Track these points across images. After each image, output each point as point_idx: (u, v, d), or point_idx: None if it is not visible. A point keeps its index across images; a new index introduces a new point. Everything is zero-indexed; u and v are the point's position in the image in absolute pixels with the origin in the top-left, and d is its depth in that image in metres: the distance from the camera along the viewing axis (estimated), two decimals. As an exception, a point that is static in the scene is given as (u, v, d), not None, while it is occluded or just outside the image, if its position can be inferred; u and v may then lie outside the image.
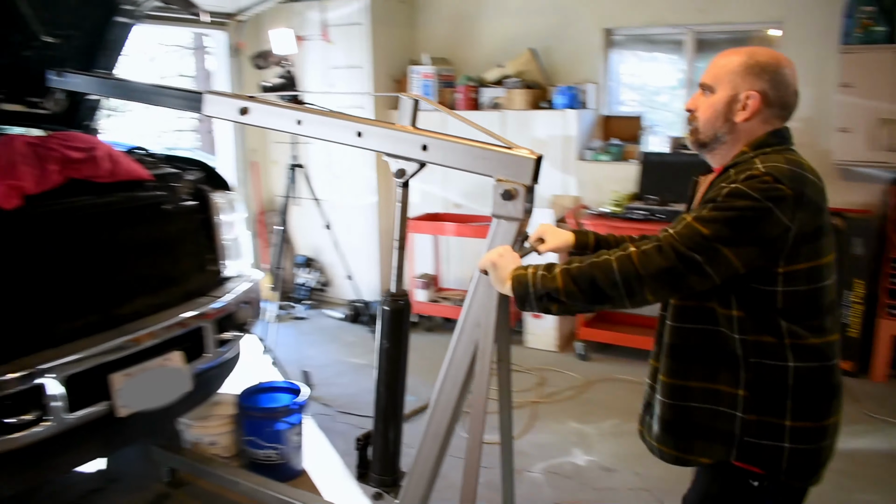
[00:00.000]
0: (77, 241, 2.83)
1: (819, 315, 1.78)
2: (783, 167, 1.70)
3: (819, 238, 1.74)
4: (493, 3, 6.20)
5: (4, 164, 2.68)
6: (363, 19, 6.10)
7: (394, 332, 2.36)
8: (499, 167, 2.03)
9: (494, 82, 6.05)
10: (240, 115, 2.50)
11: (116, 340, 2.79)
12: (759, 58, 1.81)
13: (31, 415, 2.54)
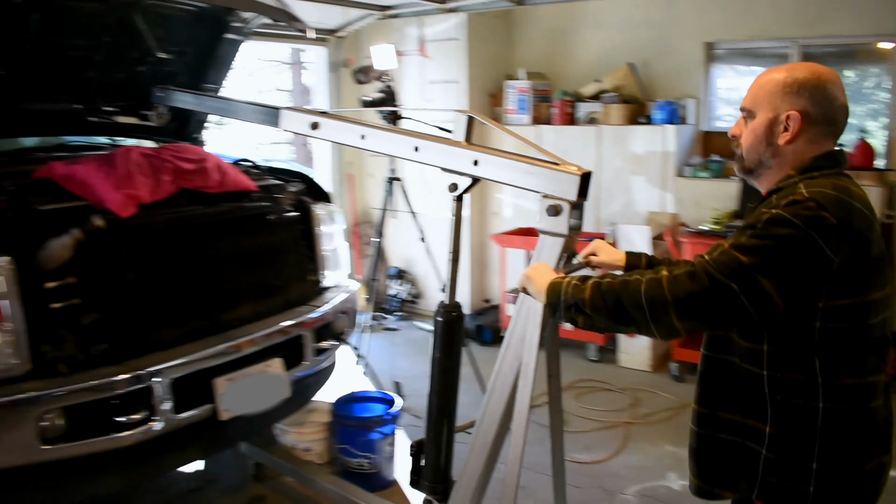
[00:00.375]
0: (186, 250, 2.94)
1: (860, 355, 1.65)
2: (829, 193, 1.58)
3: (866, 272, 1.61)
4: (592, 17, 6.15)
5: (122, 174, 2.81)
6: (460, 35, 6.15)
7: (446, 344, 2.39)
8: (545, 183, 2.05)
9: (591, 97, 6.00)
10: (311, 129, 2.62)
11: (221, 346, 2.89)
12: (798, 75, 1.69)
13: (140, 415, 2.64)
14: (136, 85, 3.69)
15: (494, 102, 6.41)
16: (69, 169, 2.84)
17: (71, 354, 2.59)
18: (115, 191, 2.72)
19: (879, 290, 1.65)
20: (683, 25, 5.77)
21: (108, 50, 3.49)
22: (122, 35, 3.48)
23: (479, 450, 2.26)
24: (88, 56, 3.48)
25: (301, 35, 3.67)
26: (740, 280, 1.55)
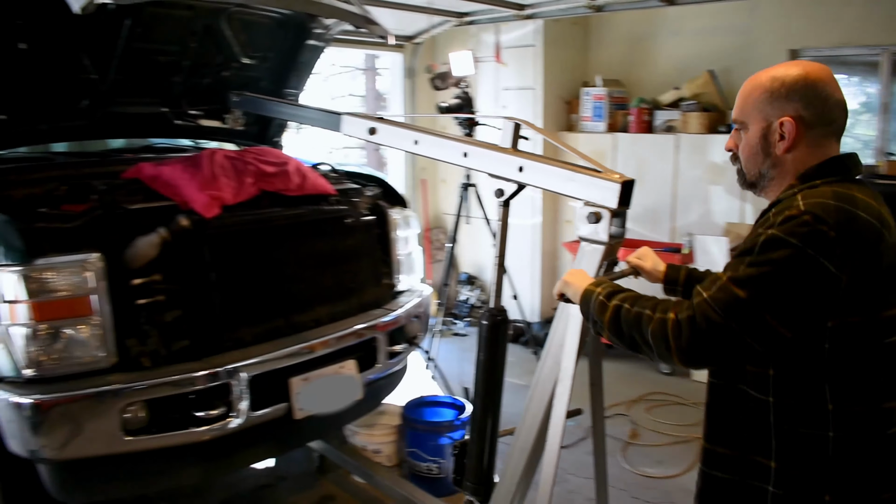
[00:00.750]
0: (266, 250, 3.00)
1: (874, 378, 1.51)
2: (828, 203, 1.45)
3: (878, 287, 1.47)
4: (671, 24, 6.04)
5: (207, 175, 2.89)
6: (536, 41, 6.13)
7: (491, 346, 2.43)
8: (586, 190, 2.05)
9: (669, 105, 5.89)
10: (369, 134, 2.71)
11: (297, 346, 2.94)
12: (784, 78, 1.58)
13: (218, 411, 2.71)
14: (220, 89, 3.79)
15: (570, 109, 6.36)
16: (156, 170, 2.94)
17: (154, 349, 2.68)
18: (199, 192, 2.80)
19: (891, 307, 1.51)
20: (767, 32, 5.61)
21: (194, 55, 3.61)
22: (208, 41, 3.59)
23: (519, 453, 2.27)
24: (175, 61, 3.59)
25: (380, 42, 3.71)
26: (740, 318, 1.44)
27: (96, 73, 3.36)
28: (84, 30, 3.13)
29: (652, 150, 5.82)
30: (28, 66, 3.10)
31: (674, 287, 2.10)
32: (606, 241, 2.01)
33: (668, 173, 5.71)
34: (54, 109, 3.36)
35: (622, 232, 2.04)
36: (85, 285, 2.51)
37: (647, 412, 4.80)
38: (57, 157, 3.70)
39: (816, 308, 1.45)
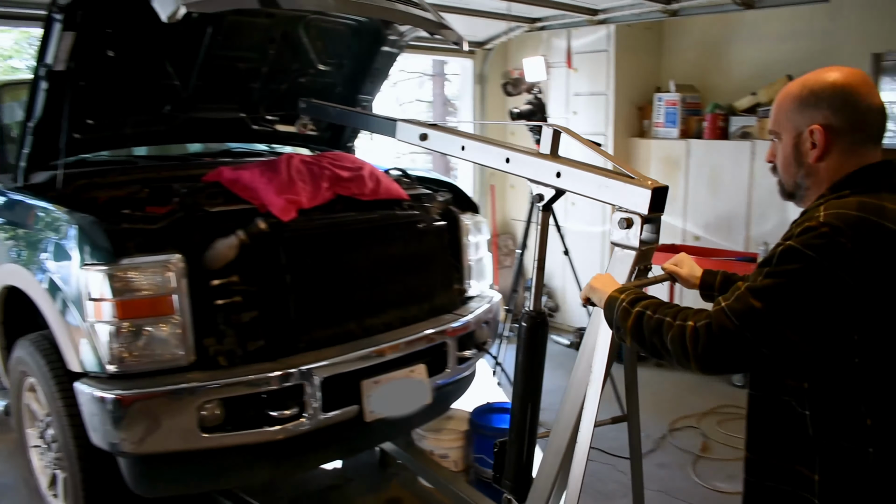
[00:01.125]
0: (340, 254, 3.04)
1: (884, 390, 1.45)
2: (849, 214, 1.42)
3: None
4: (749, 28, 5.90)
5: (284, 180, 2.95)
6: (608, 46, 6.07)
7: (530, 347, 2.45)
8: (618, 196, 2.05)
9: (745, 110, 5.75)
10: (420, 140, 2.79)
11: (369, 349, 2.97)
12: (812, 85, 1.56)
13: (291, 411, 2.76)
14: (296, 95, 3.87)
15: (643, 115, 6.27)
16: (236, 174, 3.01)
17: (230, 349, 2.75)
18: (277, 196, 2.86)
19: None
20: (849, 35, 5.42)
21: (272, 62, 3.69)
22: (285, 48, 3.67)
23: (553, 455, 2.29)
24: (254, 68, 3.68)
25: (454, 48, 3.73)
26: (755, 328, 1.43)
27: (178, 80, 3.46)
28: (168, 37, 3.24)
29: (726, 157, 5.69)
30: (114, 72, 3.21)
31: (710, 293, 2.06)
32: (637, 246, 2.00)
33: (744, 180, 5.57)
34: (138, 114, 3.48)
35: (655, 238, 2.02)
36: (167, 285, 2.59)
37: (719, 425, 4.68)
38: (139, 160, 3.83)
39: (835, 320, 1.43)
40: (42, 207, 3.01)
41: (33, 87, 2.97)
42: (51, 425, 3.00)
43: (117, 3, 2.88)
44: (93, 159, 3.61)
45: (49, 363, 2.88)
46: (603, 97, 6.16)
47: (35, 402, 3.17)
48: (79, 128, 3.27)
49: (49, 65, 2.87)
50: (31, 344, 3.01)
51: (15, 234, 3.17)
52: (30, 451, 3.32)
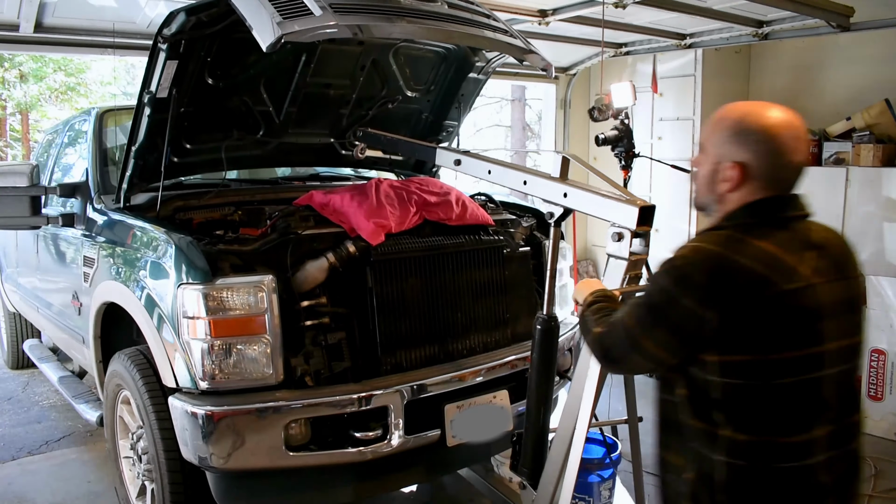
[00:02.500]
0: (426, 278, 3.07)
1: (768, 414, 1.53)
2: (707, 249, 1.55)
3: (770, 330, 1.50)
4: (843, 51, 5.72)
5: (373, 204, 3.00)
6: (695, 70, 5.98)
7: (543, 349, 2.69)
8: (612, 213, 2.37)
9: (839, 136, 5.56)
10: (455, 164, 3.02)
11: (452, 374, 2.97)
12: (750, 121, 1.59)
13: (375, 432, 2.78)
14: (384, 121, 3.94)
15: (730, 141, 6.15)
16: (326, 198, 3.08)
17: (317, 369, 2.80)
18: (366, 220, 2.90)
19: (802, 349, 1.53)
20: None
21: (361, 89, 3.76)
22: (375, 75, 3.74)
23: (560, 442, 2.52)
24: (344, 94, 3.76)
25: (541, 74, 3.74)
26: (628, 339, 1.65)
27: (272, 106, 3.57)
28: (264, 66, 3.34)
29: (819, 184, 5.50)
30: (212, 99, 3.33)
31: None
32: (628, 257, 2.30)
33: (838, 208, 5.38)
34: (233, 139, 3.60)
35: (645, 250, 2.33)
36: (259, 305, 2.66)
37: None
38: (231, 183, 3.95)
39: (689, 342, 1.55)
40: (141, 227, 3.14)
41: (137, 113, 3.11)
42: (142, 437, 3.11)
43: (218, 34, 2.99)
44: (188, 182, 3.75)
45: (144, 377, 2.99)
46: (689, 122, 6.06)
47: (128, 414, 3.29)
48: (177, 152, 3.41)
49: (152, 92, 3.01)
50: (127, 358, 3.13)
51: (115, 252, 3.31)
52: (121, 461, 3.44)
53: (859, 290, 1.67)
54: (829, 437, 1.58)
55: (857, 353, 1.66)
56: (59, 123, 5.51)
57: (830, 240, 1.64)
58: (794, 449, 1.55)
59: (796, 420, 1.55)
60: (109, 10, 4.04)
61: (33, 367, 5.68)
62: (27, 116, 16.38)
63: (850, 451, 1.64)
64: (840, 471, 1.61)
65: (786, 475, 1.55)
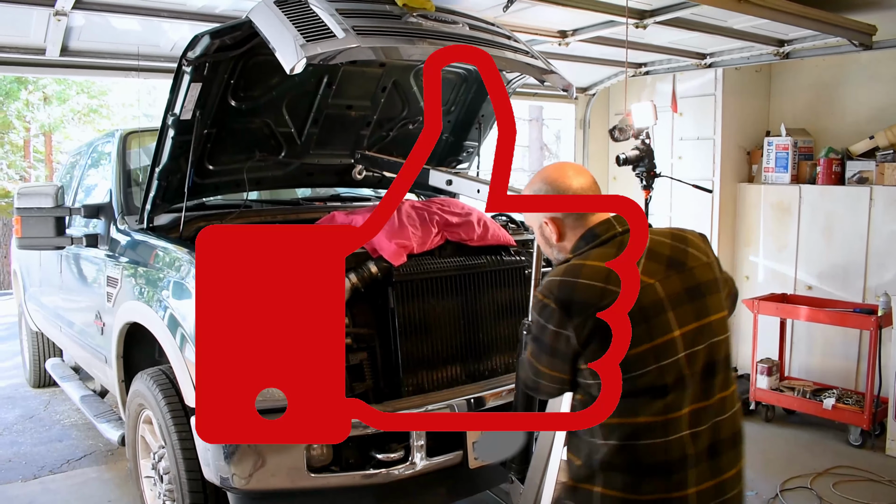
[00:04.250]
0: (447, 299, 3.07)
1: (627, 400, 1.75)
2: (553, 280, 1.81)
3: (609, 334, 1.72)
4: (864, 69, 5.69)
5: (395, 225, 3.01)
6: (715, 90, 5.96)
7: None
8: None
9: (862, 155, 5.52)
10: (447, 185, 3.17)
11: (474, 395, 2.96)
12: (535, 186, 1.95)
13: (397, 454, 2.76)
14: (404, 142, 3.96)
15: (751, 160, 6.11)
16: (349, 218, 3.09)
17: (339, 390, 2.78)
18: (388, 240, 2.91)
19: (648, 342, 1.74)
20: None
21: (382, 110, 3.79)
22: (395, 96, 3.76)
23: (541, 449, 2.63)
24: (364, 116, 3.79)
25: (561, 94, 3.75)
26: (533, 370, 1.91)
27: (294, 127, 3.60)
28: (286, 87, 3.37)
29: (842, 204, 5.47)
30: (235, 120, 3.37)
31: None
32: None
33: (861, 228, 5.33)
34: (255, 160, 3.63)
35: None
36: (281, 326, 2.65)
37: (835, 488, 4.41)
38: (253, 204, 3.98)
39: (565, 358, 1.80)
40: (164, 247, 3.17)
41: (160, 135, 3.15)
42: (164, 457, 3.11)
43: (241, 56, 3.02)
44: (210, 203, 3.78)
45: (166, 397, 3.00)
46: (710, 141, 6.04)
47: (150, 434, 3.29)
48: (200, 173, 3.43)
49: (176, 114, 3.04)
50: (149, 378, 3.14)
51: (138, 272, 3.34)
52: (142, 481, 3.44)
53: (704, 276, 1.87)
54: (694, 414, 1.79)
55: (713, 332, 1.84)
56: (82, 145, 5.58)
57: (658, 242, 1.87)
58: (658, 427, 1.77)
59: (659, 402, 1.76)
60: (133, 33, 4.10)
61: (55, 385, 5.73)
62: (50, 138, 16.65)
63: (717, 424, 1.83)
64: (706, 443, 1.81)
65: (651, 450, 1.77)
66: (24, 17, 3.73)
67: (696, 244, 1.93)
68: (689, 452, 1.78)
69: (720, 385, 1.85)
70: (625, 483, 1.79)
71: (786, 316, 5.51)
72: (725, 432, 1.85)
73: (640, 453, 1.77)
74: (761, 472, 4.46)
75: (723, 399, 1.85)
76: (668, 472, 1.77)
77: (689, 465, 1.78)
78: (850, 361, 5.42)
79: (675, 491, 1.78)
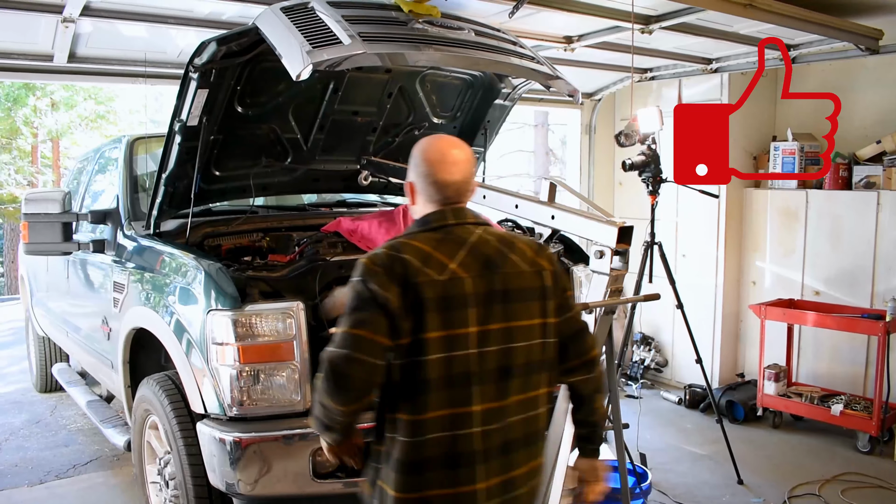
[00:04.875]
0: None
1: (419, 390, 1.78)
2: (379, 251, 1.86)
3: (422, 313, 1.76)
4: (870, 74, 5.67)
5: (401, 231, 3.00)
6: (721, 95, 5.95)
7: None
8: (594, 232, 2.64)
9: (869, 159, 5.50)
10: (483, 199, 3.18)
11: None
12: (416, 153, 1.96)
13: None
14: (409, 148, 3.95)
15: (757, 165, 6.09)
16: (354, 224, 3.09)
17: (345, 397, 2.77)
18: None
19: (443, 329, 1.78)
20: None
21: (388, 115, 3.79)
22: (401, 102, 3.77)
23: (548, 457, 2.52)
24: (370, 121, 3.79)
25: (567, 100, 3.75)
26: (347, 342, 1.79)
27: (300, 133, 3.61)
28: (292, 94, 3.38)
29: (849, 208, 5.45)
30: (241, 126, 3.37)
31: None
32: (609, 273, 2.55)
33: (868, 232, 5.31)
34: (261, 166, 3.63)
35: (623, 266, 2.60)
36: (287, 332, 2.67)
37: (843, 495, 4.38)
38: (259, 209, 3.99)
39: (386, 314, 1.76)
40: (170, 253, 3.18)
41: (167, 141, 3.16)
42: (170, 463, 3.11)
43: (248, 63, 3.03)
44: (217, 209, 3.79)
45: (172, 403, 3.00)
46: (716, 147, 6.02)
47: (156, 439, 3.30)
48: (206, 179, 3.44)
49: (183, 120, 3.05)
50: (155, 383, 3.14)
51: (145, 278, 3.35)
52: (148, 486, 3.45)
53: (518, 283, 1.90)
54: (487, 412, 1.83)
55: (512, 338, 1.86)
56: (89, 151, 5.60)
57: (487, 242, 1.91)
58: (446, 420, 1.80)
59: (448, 395, 1.80)
60: (141, 40, 4.11)
61: (61, 390, 5.74)
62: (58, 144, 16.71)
63: (511, 425, 1.86)
64: (499, 442, 1.85)
65: (438, 443, 1.81)
66: (33, 24, 3.75)
67: (524, 252, 1.96)
68: (478, 448, 1.82)
69: (517, 388, 1.88)
70: (412, 476, 1.82)
71: (793, 321, 5.49)
72: (518, 432, 1.89)
73: (427, 447, 1.81)
74: (769, 479, 4.44)
75: (520, 402, 1.89)
76: (455, 465, 1.82)
77: (478, 461, 1.83)
78: (859, 367, 5.39)
79: (463, 486, 1.82)
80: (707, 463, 4.75)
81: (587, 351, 2.05)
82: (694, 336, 4.63)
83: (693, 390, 5.89)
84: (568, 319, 2.00)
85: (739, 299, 6.20)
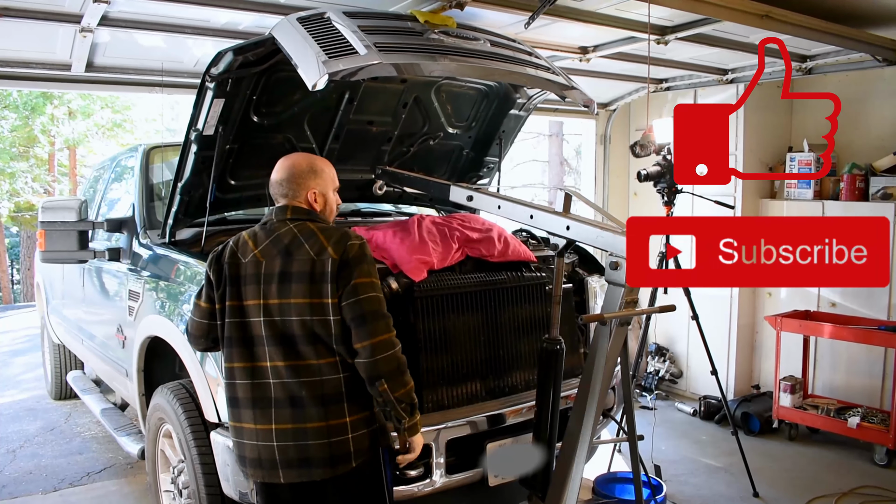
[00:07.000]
0: (468, 315, 3.05)
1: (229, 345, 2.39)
2: (223, 240, 2.54)
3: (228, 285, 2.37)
4: (886, 84, 5.62)
5: (416, 240, 3.00)
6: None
7: (547, 369, 2.87)
8: (609, 244, 2.61)
9: (886, 171, 5.45)
10: (467, 200, 3.20)
11: (493, 412, 2.94)
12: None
13: (417, 471, 2.75)
14: (425, 158, 3.96)
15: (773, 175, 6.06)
16: (369, 234, 3.09)
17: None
18: (409, 256, 2.91)
19: (236, 300, 2.36)
20: None
21: (403, 125, 3.80)
22: (416, 112, 3.77)
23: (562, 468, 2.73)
24: (385, 131, 3.80)
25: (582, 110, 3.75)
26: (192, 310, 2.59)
27: (315, 142, 3.61)
28: (308, 103, 3.39)
29: (866, 220, 5.39)
30: (257, 135, 3.39)
31: None
32: (624, 283, 2.53)
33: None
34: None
35: None
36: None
37: (861, 508, 4.34)
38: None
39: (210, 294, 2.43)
40: (185, 262, 3.18)
41: (183, 150, 3.17)
42: (183, 472, 3.12)
43: (264, 72, 3.04)
44: (232, 217, 3.80)
45: (186, 411, 3.01)
46: (731, 157, 5.99)
47: (170, 448, 3.30)
48: (222, 187, 3.45)
49: (199, 129, 3.06)
50: (169, 392, 3.15)
51: (160, 286, 3.36)
52: (161, 495, 3.45)
53: (301, 268, 2.29)
54: (274, 369, 2.30)
55: (288, 312, 2.28)
56: (106, 159, 5.63)
57: (286, 232, 2.35)
58: (246, 371, 2.33)
59: (245, 350, 2.34)
60: (158, 49, 4.14)
61: (76, 398, 5.76)
62: (74, 152, 16.84)
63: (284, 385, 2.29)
64: (272, 394, 2.31)
65: (242, 388, 2.35)
66: (51, 33, 3.78)
67: (320, 243, 2.31)
68: (269, 396, 2.30)
69: (294, 354, 2.29)
70: (232, 412, 2.40)
71: (809, 333, 5.44)
72: (283, 393, 2.30)
73: (236, 390, 2.37)
74: (785, 492, 4.40)
75: (293, 366, 2.29)
76: (253, 406, 2.33)
77: (264, 406, 2.31)
78: (875, 379, 5.33)
79: (249, 423, 2.33)
80: (722, 475, 4.71)
81: (363, 338, 2.27)
82: (709, 347, 4.59)
83: (708, 402, 5.84)
84: (349, 304, 2.27)
85: (755, 310, 6.15)
